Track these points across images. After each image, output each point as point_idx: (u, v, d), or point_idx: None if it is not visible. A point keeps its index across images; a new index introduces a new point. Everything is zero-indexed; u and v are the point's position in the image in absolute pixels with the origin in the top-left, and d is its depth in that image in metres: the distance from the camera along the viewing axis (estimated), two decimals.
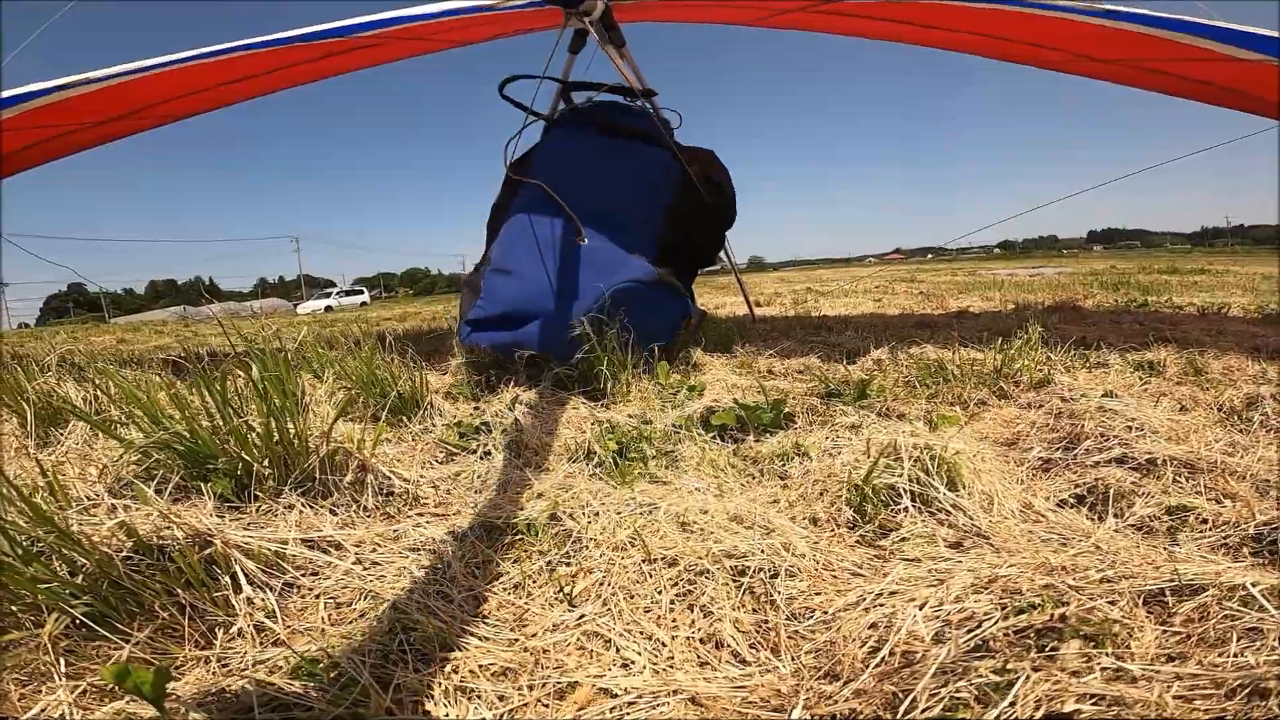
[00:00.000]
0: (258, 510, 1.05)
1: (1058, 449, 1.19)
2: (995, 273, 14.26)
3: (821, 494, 1.00)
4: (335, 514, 1.08)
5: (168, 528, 0.85)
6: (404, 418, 1.63)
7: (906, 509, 0.95)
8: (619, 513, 0.93)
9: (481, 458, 1.32)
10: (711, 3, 3.14)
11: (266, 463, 1.08)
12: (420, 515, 1.10)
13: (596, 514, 0.94)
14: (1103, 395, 1.33)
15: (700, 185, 2.51)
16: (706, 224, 2.67)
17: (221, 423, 1.07)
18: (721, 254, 3.55)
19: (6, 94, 2.29)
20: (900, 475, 0.96)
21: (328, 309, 29.32)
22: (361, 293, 35.02)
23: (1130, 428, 1.20)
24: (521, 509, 1.03)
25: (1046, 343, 2.24)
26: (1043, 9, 1.91)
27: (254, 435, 1.07)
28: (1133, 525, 0.99)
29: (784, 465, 1.18)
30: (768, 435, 1.38)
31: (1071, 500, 1.10)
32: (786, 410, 1.46)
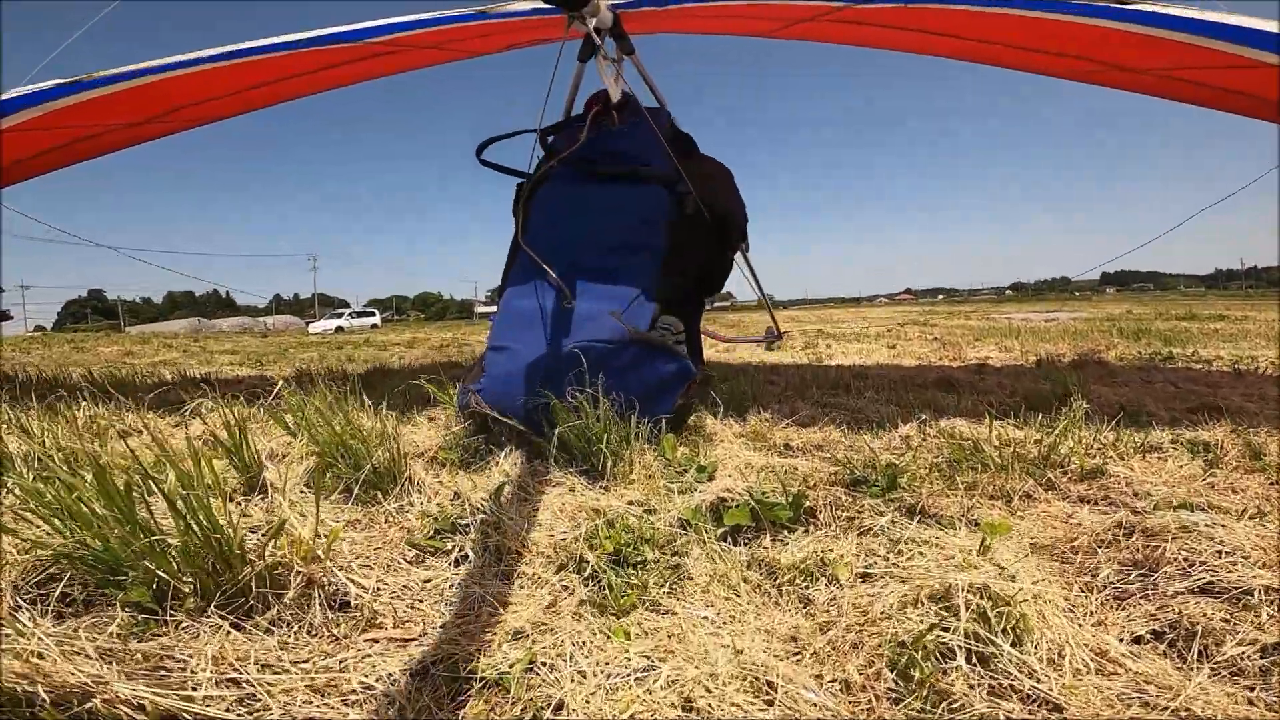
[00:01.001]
0: (176, 628, 0.89)
1: (1133, 573, 1.01)
2: (1010, 317, 14.08)
3: (855, 646, 0.81)
4: (272, 634, 0.91)
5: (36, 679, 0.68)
6: (379, 492, 1.47)
7: (960, 667, 0.77)
8: (609, 675, 0.75)
9: (457, 562, 1.15)
10: (725, 14, 2.98)
11: (189, 575, 0.92)
12: (375, 642, 0.92)
13: (583, 673, 0.76)
14: (1179, 507, 1.14)
15: (703, 207, 2.34)
16: (711, 253, 2.52)
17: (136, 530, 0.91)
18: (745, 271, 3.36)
19: (24, 91, 2.22)
20: (955, 630, 0.79)
21: (339, 330, 29.49)
22: (373, 314, 35.25)
23: (1217, 551, 1.01)
24: (495, 647, 0.86)
25: (1085, 414, 2.07)
26: (1077, 13, 1.81)
27: (172, 547, 0.91)
28: (1225, 666, 0.81)
29: (807, 585, 1.01)
30: (787, 534, 1.21)
31: (1148, 636, 0.92)
32: (807, 504, 1.28)
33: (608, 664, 0.78)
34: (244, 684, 0.79)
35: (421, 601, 1.03)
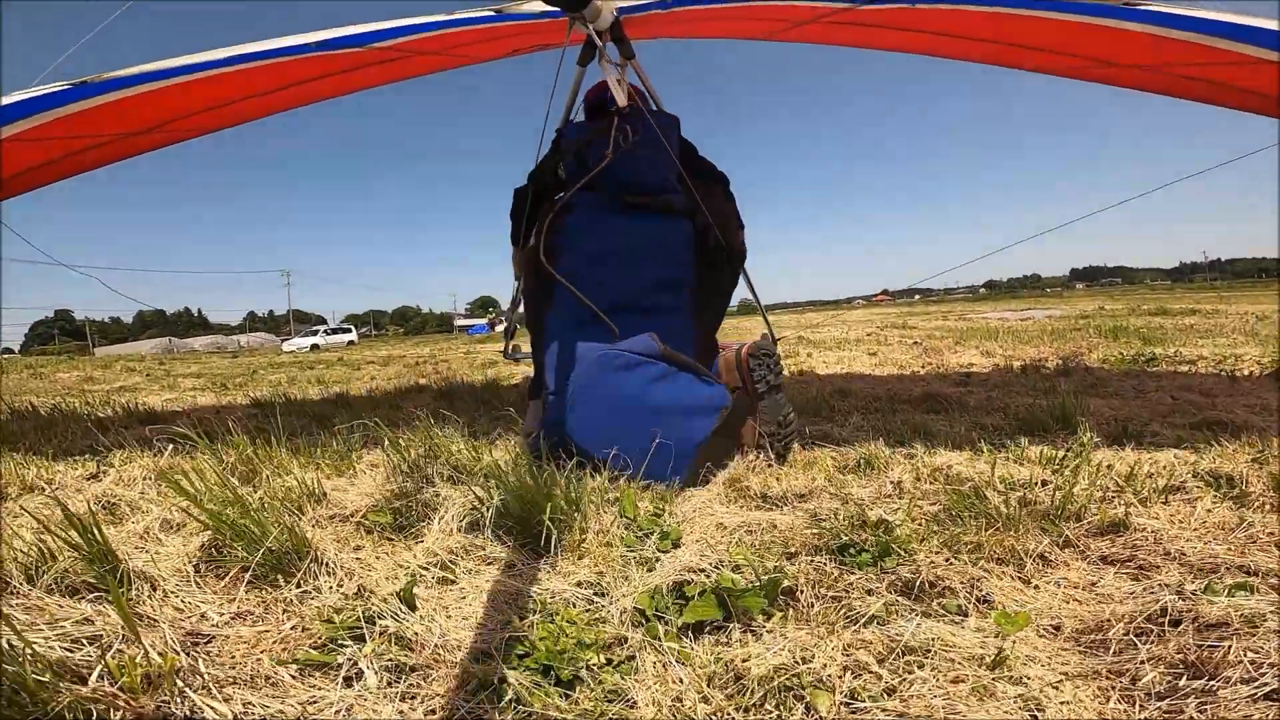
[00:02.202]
0: None
1: (1183, 678, 0.81)
2: (985, 316, 14.16)
3: None
4: None
5: None
6: (280, 575, 1.23)
7: None
8: None
9: (348, 680, 0.91)
10: (726, 16, 2.89)
11: None
12: None
13: None
14: (1234, 589, 0.95)
15: (719, 236, 2.31)
16: (726, 283, 2.47)
17: None
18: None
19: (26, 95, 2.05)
20: None
21: (314, 347, 28.89)
22: (349, 331, 34.57)
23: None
24: None
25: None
26: (1079, 12, 1.72)
27: None
28: None
29: (780, 709, 0.79)
30: (761, 623, 0.99)
31: None
32: (786, 583, 1.07)
33: None
34: None
35: None
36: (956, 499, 1.35)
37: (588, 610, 1.05)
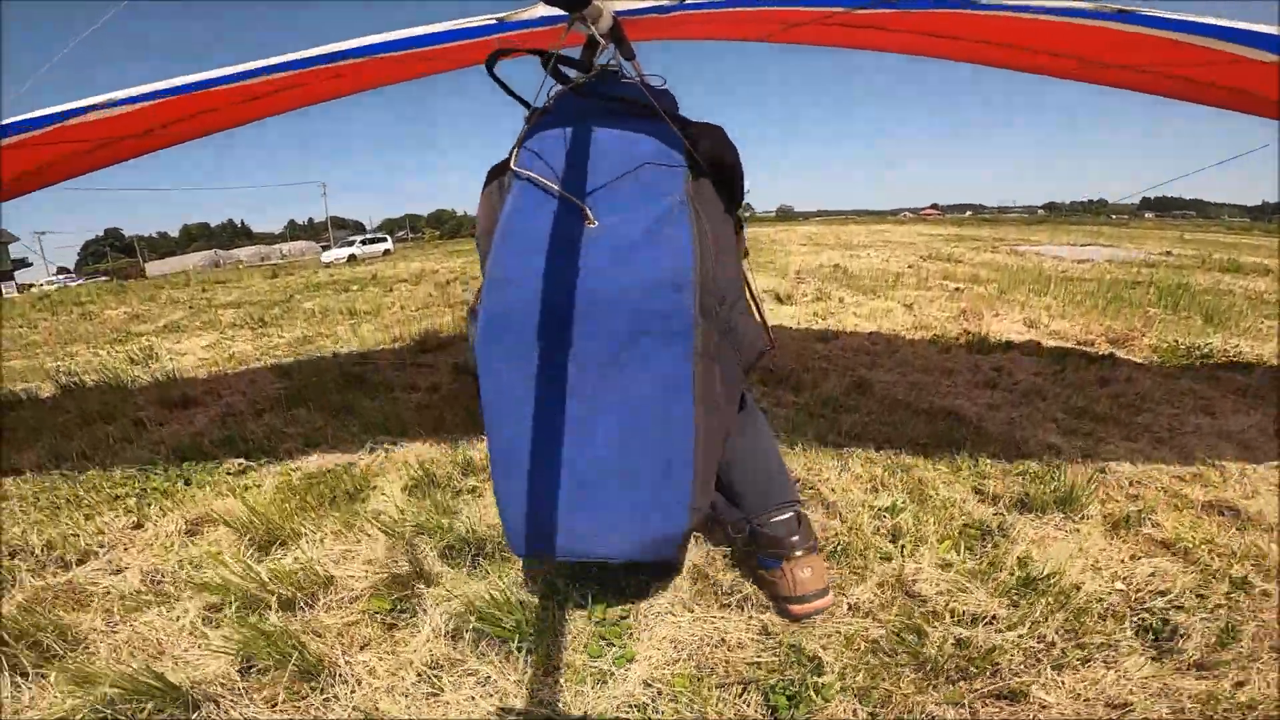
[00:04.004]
0: None
1: None
2: (1040, 252, 13.31)
3: None
4: None
5: None
6: (307, 686, 1.32)
7: None
8: None
9: None
10: (721, 21, 2.91)
11: None
12: None
13: None
14: None
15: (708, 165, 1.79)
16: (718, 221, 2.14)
17: None
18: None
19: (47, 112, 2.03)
20: None
21: (351, 258, 29.27)
22: (385, 240, 34.70)
23: None
24: None
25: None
26: (1077, 16, 1.69)
27: None
28: None
29: None
30: None
31: None
32: None
33: None
34: None
35: None
36: (899, 633, 1.34)
37: None
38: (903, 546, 1.73)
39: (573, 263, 1.35)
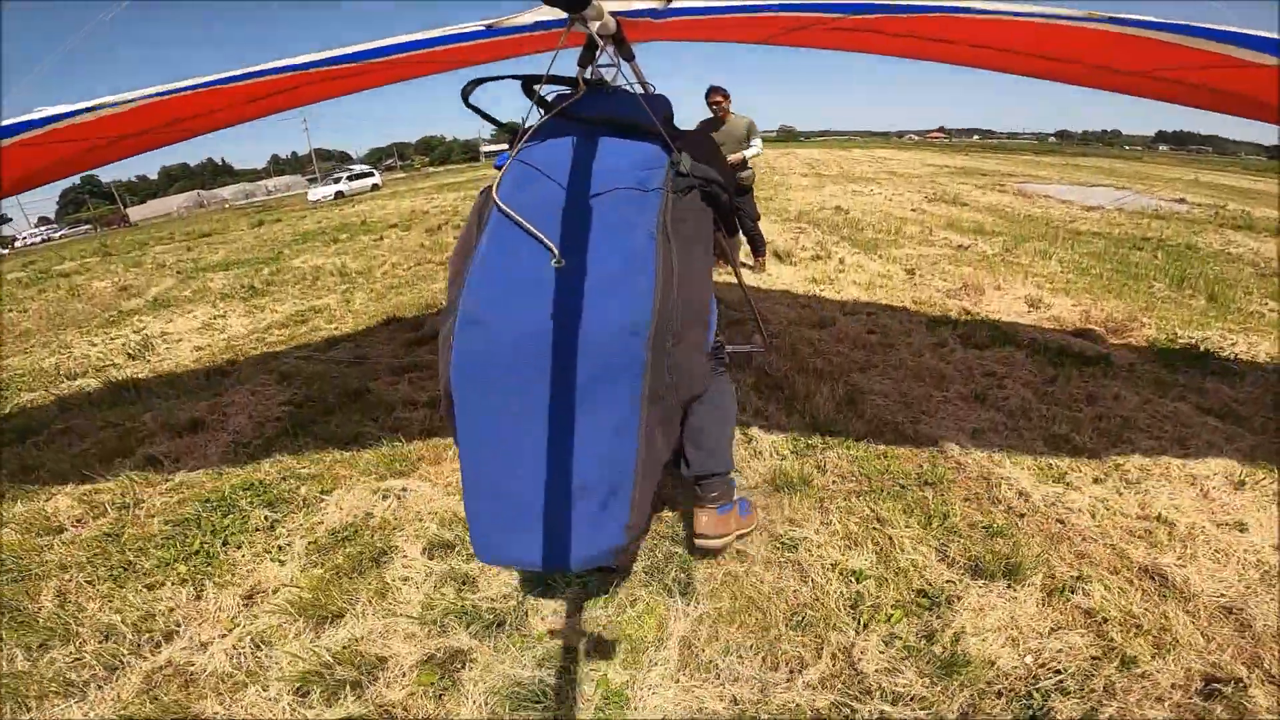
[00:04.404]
0: None
1: None
2: (1048, 194, 12.93)
3: None
4: None
5: None
6: None
7: None
8: None
9: None
10: (720, 26, 2.93)
11: None
12: None
13: None
14: None
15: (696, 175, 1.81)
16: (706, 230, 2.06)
17: None
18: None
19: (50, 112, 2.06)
20: None
21: (338, 195, 28.30)
22: (372, 174, 33.45)
23: None
24: None
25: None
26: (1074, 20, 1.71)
27: None
28: None
29: None
30: None
31: None
32: None
33: None
34: None
35: None
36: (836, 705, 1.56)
37: None
38: (860, 616, 1.87)
39: (542, 307, 1.47)
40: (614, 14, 2.25)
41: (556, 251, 1.51)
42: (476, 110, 1.88)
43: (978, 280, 5.59)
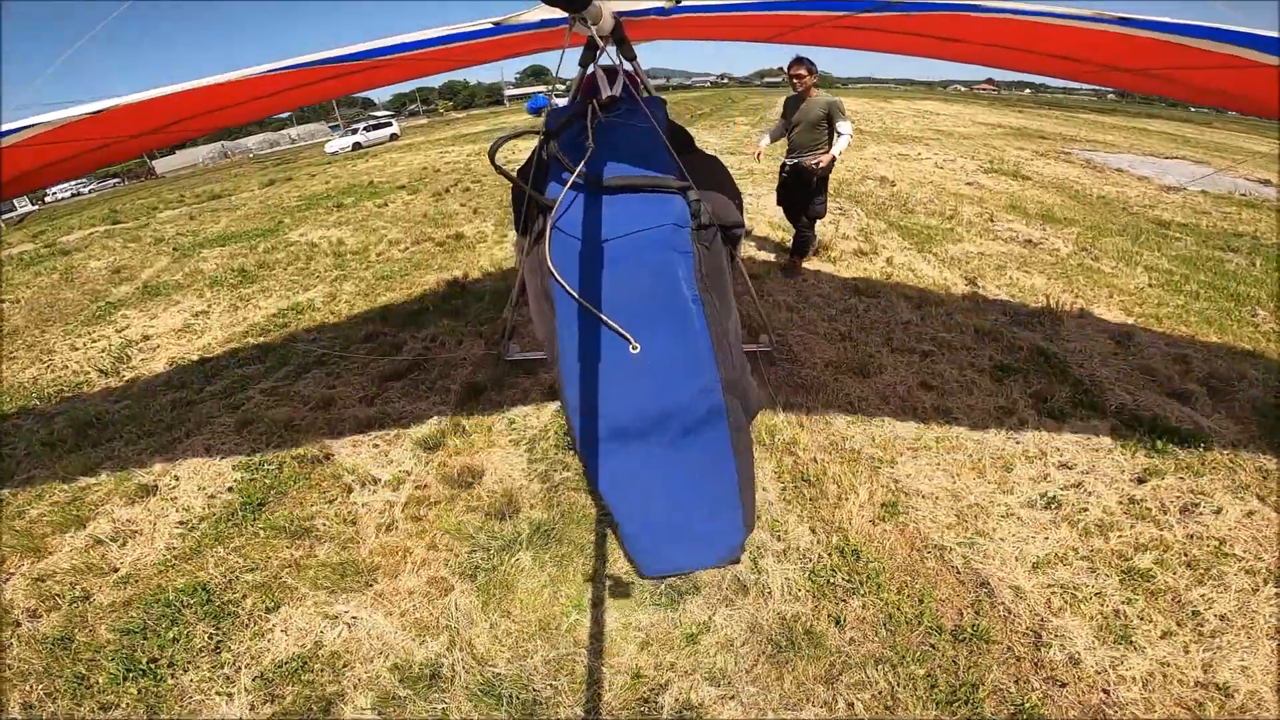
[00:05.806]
0: None
1: None
2: (1120, 166, 11.62)
3: None
4: None
5: None
6: None
7: None
8: None
9: None
10: (724, 25, 2.99)
11: None
12: None
13: None
14: None
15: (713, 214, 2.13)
16: (722, 253, 2.32)
17: None
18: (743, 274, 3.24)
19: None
20: None
21: (356, 146, 27.72)
22: (390, 124, 32.59)
23: None
24: None
25: None
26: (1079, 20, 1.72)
27: None
28: None
29: None
30: None
31: None
32: None
33: None
34: None
35: None
36: None
37: None
38: None
39: (634, 392, 1.95)
40: (622, 14, 2.39)
41: (632, 340, 1.91)
42: (501, 171, 1.99)
43: (1053, 300, 4.78)
